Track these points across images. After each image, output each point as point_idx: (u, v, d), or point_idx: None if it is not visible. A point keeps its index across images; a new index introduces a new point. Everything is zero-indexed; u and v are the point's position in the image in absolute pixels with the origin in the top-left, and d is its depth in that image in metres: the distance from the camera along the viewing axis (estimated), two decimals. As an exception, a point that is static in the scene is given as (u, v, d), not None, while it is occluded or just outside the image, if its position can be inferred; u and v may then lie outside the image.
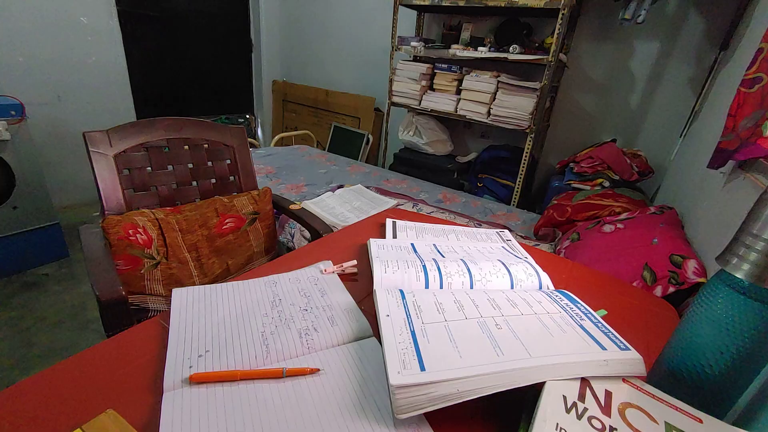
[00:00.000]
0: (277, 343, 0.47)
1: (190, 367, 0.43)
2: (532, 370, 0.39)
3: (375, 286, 0.59)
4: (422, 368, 0.39)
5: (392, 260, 0.65)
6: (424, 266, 0.64)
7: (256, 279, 0.61)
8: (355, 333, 0.51)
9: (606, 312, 0.59)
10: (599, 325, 0.48)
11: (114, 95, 2.26)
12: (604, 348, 0.43)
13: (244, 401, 0.40)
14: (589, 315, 0.50)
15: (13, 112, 1.53)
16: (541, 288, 0.62)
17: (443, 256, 0.70)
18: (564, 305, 0.53)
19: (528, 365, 0.39)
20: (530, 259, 0.73)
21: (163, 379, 0.41)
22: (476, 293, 0.56)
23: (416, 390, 0.36)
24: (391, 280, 0.61)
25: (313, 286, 0.60)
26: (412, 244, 0.76)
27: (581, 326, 0.47)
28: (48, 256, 1.79)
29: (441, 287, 0.60)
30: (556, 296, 0.55)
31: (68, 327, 1.45)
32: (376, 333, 0.51)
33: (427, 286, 0.60)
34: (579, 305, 0.53)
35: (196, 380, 0.41)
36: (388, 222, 0.87)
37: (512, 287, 0.61)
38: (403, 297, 0.54)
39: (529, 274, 0.64)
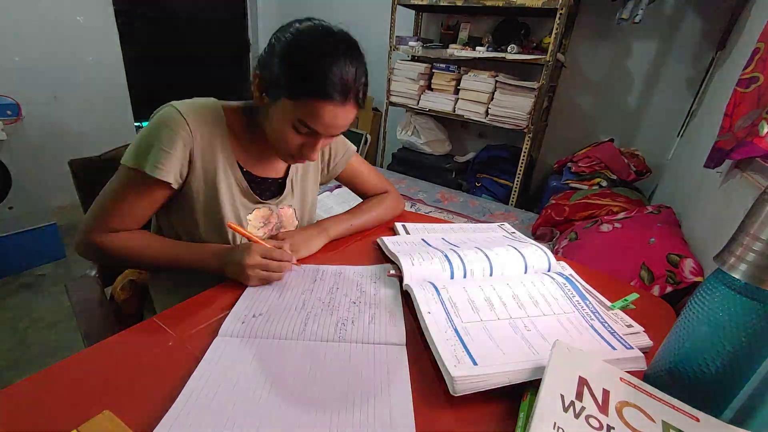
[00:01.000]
0: (314, 324, 0.52)
1: (243, 322, 0.51)
2: None
3: (406, 281, 0.60)
4: (474, 363, 0.44)
5: (414, 253, 0.67)
6: (446, 256, 0.65)
7: (326, 266, 0.68)
8: (388, 337, 0.51)
9: (638, 295, 0.63)
10: (606, 325, 0.54)
11: (111, 95, 2.25)
12: (614, 348, 0.49)
13: (271, 358, 0.46)
14: (596, 314, 0.56)
15: (9, 112, 1.52)
16: (550, 269, 0.68)
17: (458, 247, 0.72)
18: (575, 303, 0.59)
19: None
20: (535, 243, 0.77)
21: (223, 323, 0.50)
22: (501, 287, 0.60)
23: (472, 378, 0.42)
24: (420, 273, 0.62)
25: (372, 284, 0.63)
26: (423, 239, 0.77)
27: (592, 326, 0.54)
28: (44, 257, 1.78)
29: (464, 276, 0.63)
30: (568, 290, 0.61)
31: (65, 328, 1.45)
32: (409, 341, 0.51)
33: (452, 276, 0.63)
34: (587, 302, 0.59)
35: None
36: (398, 226, 0.85)
37: (526, 271, 0.67)
38: (438, 292, 0.57)
39: (539, 256, 0.69)
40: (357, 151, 0.88)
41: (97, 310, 0.72)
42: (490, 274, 0.65)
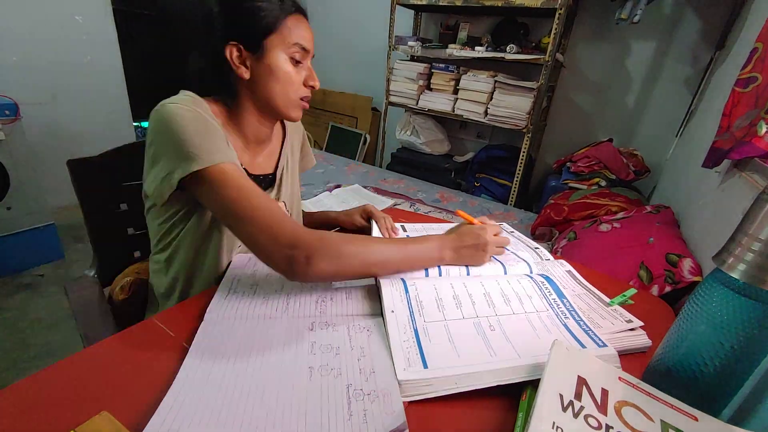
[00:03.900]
0: (295, 304, 0.55)
1: (226, 308, 0.54)
2: (520, 368, 0.44)
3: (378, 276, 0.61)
4: (425, 366, 0.43)
5: None
6: None
7: None
8: (364, 309, 0.56)
9: (636, 290, 0.63)
10: (581, 323, 0.53)
11: (109, 95, 2.25)
12: (584, 346, 0.48)
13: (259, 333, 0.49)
14: (572, 312, 0.55)
15: (7, 112, 1.52)
16: (532, 272, 0.66)
17: None
18: (552, 300, 0.58)
19: (517, 365, 0.44)
20: (525, 248, 0.77)
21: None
22: (473, 285, 0.59)
23: (419, 382, 0.42)
24: None
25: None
26: (407, 234, 0.79)
27: (565, 325, 0.52)
28: (43, 258, 1.77)
29: (440, 274, 0.63)
30: (546, 289, 0.60)
31: (63, 328, 1.44)
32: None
33: (426, 274, 0.62)
34: (565, 300, 0.58)
35: None
36: (398, 226, 0.86)
37: (506, 273, 0.66)
38: (406, 290, 0.57)
39: (518, 261, 0.68)
40: (356, 151, 0.88)
41: (96, 311, 0.72)
42: (467, 274, 0.64)
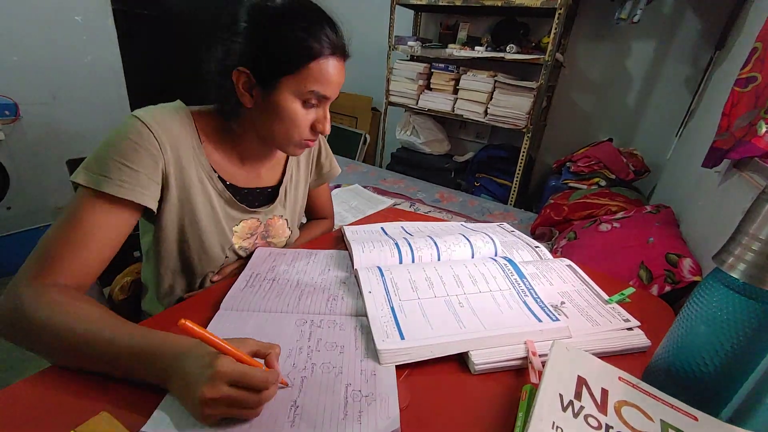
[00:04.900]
0: (307, 300, 0.57)
1: (241, 299, 0.55)
2: (487, 338, 0.49)
3: (356, 266, 0.65)
4: (402, 337, 0.48)
5: (367, 241, 0.71)
6: (396, 243, 0.70)
7: (319, 250, 0.73)
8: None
9: (634, 290, 0.65)
10: (537, 300, 0.58)
11: (110, 95, 2.25)
12: (540, 320, 0.53)
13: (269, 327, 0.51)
14: (530, 291, 0.60)
15: (7, 112, 1.52)
16: (496, 254, 0.72)
17: (411, 235, 0.77)
18: (513, 281, 0.62)
19: (484, 335, 0.50)
20: (500, 235, 0.82)
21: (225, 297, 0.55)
22: (443, 268, 0.63)
23: (397, 351, 0.46)
24: (369, 259, 0.66)
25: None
26: (382, 228, 0.83)
27: (524, 302, 0.58)
28: (43, 257, 1.77)
29: (413, 260, 0.67)
30: (508, 270, 0.65)
31: (64, 328, 1.44)
32: None
33: (400, 261, 0.67)
34: (525, 280, 0.62)
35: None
36: (398, 226, 0.87)
37: (473, 255, 0.71)
38: (382, 274, 0.61)
39: (486, 242, 0.73)
40: (356, 151, 0.88)
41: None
42: (438, 259, 0.69)
